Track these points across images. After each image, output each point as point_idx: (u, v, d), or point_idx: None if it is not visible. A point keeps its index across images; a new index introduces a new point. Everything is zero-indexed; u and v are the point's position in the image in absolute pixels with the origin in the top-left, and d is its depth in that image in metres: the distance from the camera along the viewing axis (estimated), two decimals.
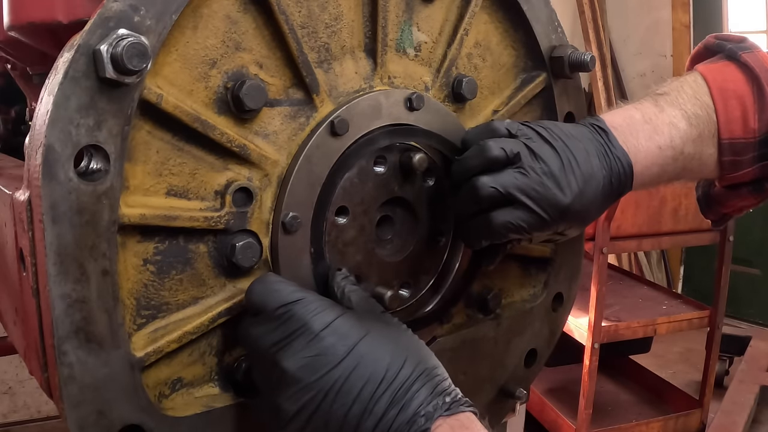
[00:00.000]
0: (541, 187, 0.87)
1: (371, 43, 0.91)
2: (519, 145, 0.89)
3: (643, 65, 5.38)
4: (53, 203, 0.68)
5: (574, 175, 0.89)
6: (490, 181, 0.88)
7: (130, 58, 0.67)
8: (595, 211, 0.93)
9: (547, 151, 0.89)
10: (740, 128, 0.94)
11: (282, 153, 0.85)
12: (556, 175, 0.88)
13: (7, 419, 3.32)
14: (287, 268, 0.84)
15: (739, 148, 0.95)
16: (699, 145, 0.94)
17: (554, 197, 0.88)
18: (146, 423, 0.76)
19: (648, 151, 0.94)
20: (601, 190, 0.91)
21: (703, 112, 0.95)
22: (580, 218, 0.92)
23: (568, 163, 0.89)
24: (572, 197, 0.88)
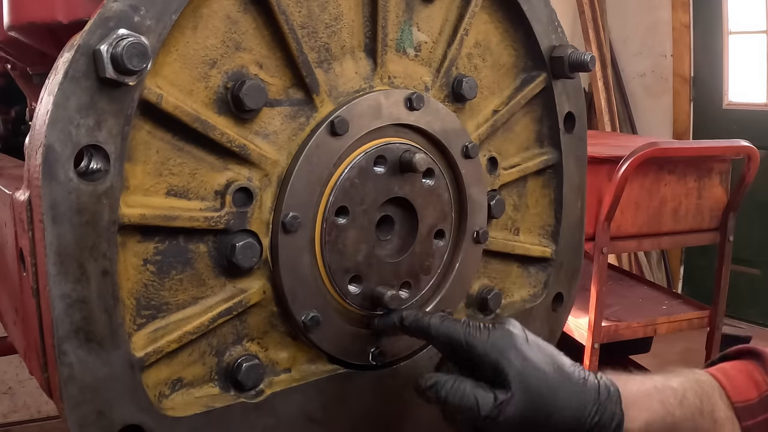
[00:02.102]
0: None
1: (371, 43, 0.91)
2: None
3: (643, 65, 5.37)
4: (53, 203, 0.68)
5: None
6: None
7: (130, 58, 0.67)
8: (564, 409, 0.79)
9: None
10: (753, 389, 0.87)
11: (282, 153, 0.85)
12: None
13: (7, 419, 3.32)
14: (287, 268, 0.84)
15: (757, 409, 0.87)
16: (705, 398, 0.85)
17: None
18: (146, 423, 0.76)
19: (641, 385, 0.85)
20: (577, 388, 0.80)
21: (701, 377, 0.88)
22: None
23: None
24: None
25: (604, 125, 5.03)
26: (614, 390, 0.82)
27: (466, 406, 0.79)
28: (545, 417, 0.79)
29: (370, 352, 0.95)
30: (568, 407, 0.79)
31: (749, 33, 4.92)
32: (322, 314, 0.88)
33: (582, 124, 1.15)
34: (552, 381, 0.79)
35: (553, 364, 0.81)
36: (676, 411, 0.84)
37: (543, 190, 1.15)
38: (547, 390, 0.79)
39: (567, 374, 0.81)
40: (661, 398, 0.84)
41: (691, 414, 0.84)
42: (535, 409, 0.79)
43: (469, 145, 0.99)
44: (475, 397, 0.79)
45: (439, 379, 0.82)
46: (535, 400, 0.79)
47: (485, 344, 0.81)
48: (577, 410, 0.79)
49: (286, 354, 0.90)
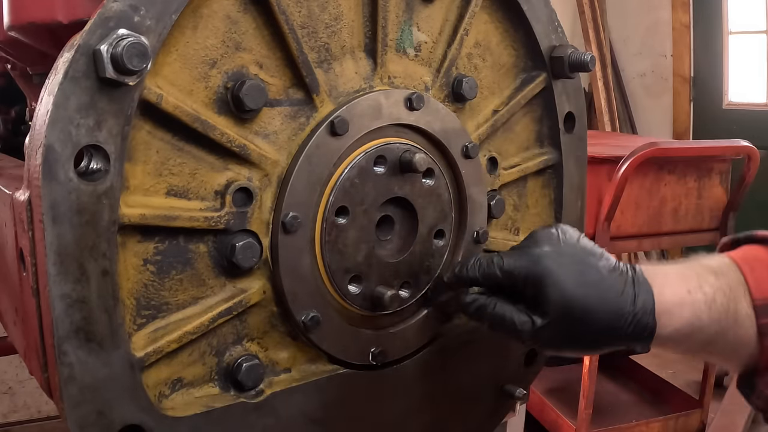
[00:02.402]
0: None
1: (371, 43, 0.91)
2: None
3: (643, 65, 5.38)
4: (53, 203, 0.68)
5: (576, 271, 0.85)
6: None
7: (130, 58, 0.67)
8: (599, 325, 0.84)
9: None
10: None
11: (282, 153, 0.85)
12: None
13: (7, 419, 3.32)
14: (287, 268, 0.84)
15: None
16: (731, 300, 0.88)
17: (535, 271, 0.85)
18: (146, 423, 0.76)
19: (676, 289, 0.87)
20: (612, 305, 0.84)
21: (731, 272, 0.90)
22: (572, 320, 0.84)
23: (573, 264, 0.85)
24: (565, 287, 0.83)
25: (604, 125, 5.03)
26: (649, 301, 0.85)
27: (507, 329, 0.87)
28: (582, 333, 0.85)
29: (370, 352, 0.95)
30: (603, 321, 0.84)
31: (749, 33, 4.92)
32: (322, 314, 0.88)
33: (582, 124, 1.15)
34: (589, 301, 0.84)
35: (589, 279, 0.85)
36: (704, 315, 0.87)
37: (543, 190, 1.15)
38: (584, 311, 0.83)
39: (604, 289, 0.84)
40: (692, 304, 0.87)
41: (717, 316, 0.87)
42: (571, 330, 0.85)
43: (469, 145, 0.99)
44: (515, 321, 0.86)
45: (481, 302, 0.89)
46: (571, 322, 0.84)
47: (521, 274, 0.86)
48: (613, 323, 0.84)
49: (286, 354, 0.90)
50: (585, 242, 0.89)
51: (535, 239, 0.88)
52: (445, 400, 1.06)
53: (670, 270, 0.90)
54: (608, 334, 0.85)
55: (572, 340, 0.86)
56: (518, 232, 1.13)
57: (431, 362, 1.02)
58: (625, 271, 0.86)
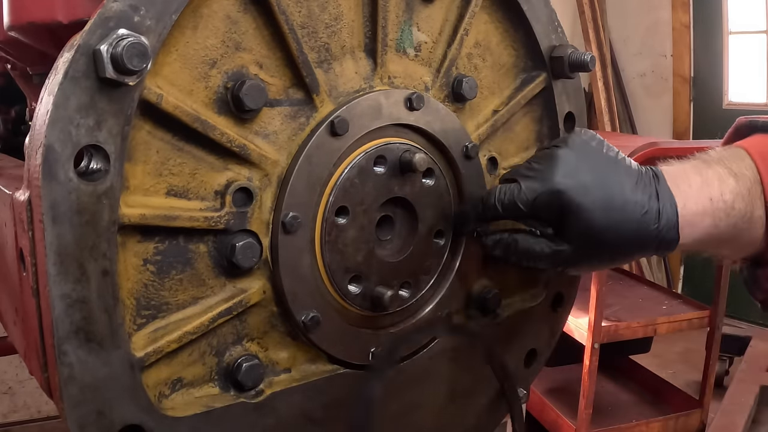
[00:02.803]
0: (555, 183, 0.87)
1: (371, 43, 0.91)
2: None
3: (643, 65, 5.38)
4: (53, 203, 0.68)
5: (602, 191, 0.86)
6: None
7: (130, 58, 0.67)
8: (624, 245, 0.87)
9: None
10: None
11: (282, 153, 0.85)
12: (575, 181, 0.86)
13: (7, 419, 3.32)
14: (287, 268, 0.84)
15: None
16: (749, 204, 0.90)
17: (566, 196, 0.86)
18: (146, 423, 0.76)
19: (698, 199, 0.89)
20: (636, 225, 0.85)
21: (749, 172, 0.92)
22: (599, 242, 0.86)
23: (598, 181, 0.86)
24: (593, 209, 0.85)
25: (604, 125, 5.03)
26: (673, 215, 0.87)
27: (533, 258, 0.90)
28: (608, 253, 0.88)
29: (370, 352, 0.95)
30: (629, 242, 0.87)
31: (749, 33, 4.92)
32: (322, 314, 0.88)
33: (582, 124, 1.14)
34: (614, 227, 0.85)
35: (613, 204, 0.85)
36: (722, 223, 0.90)
37: None
38: (609, 236, 0.86)
39: (628, 211, 0.86)
40: (713, 213, 0.89)
41: (734, 222, 0.90)
42: (598, 253, 0.88)
43: (469, 145, 0.99)
44: (542, 253, 0.89)
45: (505, 242, 0.92)
46: (597, 246, 0.87)
47: (543, 203, 0.87)
48: (638, 242, 0.87)
49: (286, 354, 0.90)
50: (607, 153, 0.89)
51: (554, 159, 0.88)
52: (445, 399, 1.06)
53: (694, 173, 0.91)
54: (633, 251, 0.88)
55: (599, 260, 0.89)
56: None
57: (431, 362, 1.02)
58: (648, 182, 0.88)
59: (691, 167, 0.93)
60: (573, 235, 0.86)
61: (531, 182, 0.88)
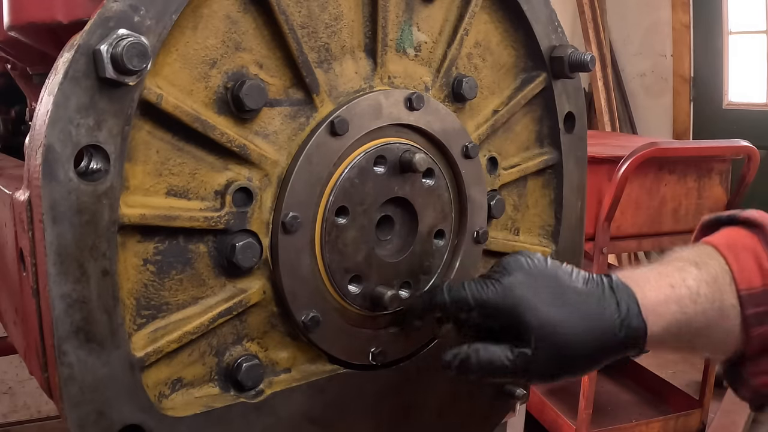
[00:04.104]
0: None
1: (371, 43, 0.91)
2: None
3: (643, 65, 5.38)
4: (53, 203, 0.68)
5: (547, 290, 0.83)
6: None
7: (130, 58, 0.67)
8: (587, 342, 0.82)
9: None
10: (758, 277, 0.86)
11: (282, 153, 0.85)
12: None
13: (7, 419, 3.31)
14: (287, 268, 0.84)
15: (760, 298, 0.86)
16: (716, 291, 0.86)
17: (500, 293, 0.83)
18: (146, 423, 0.76)
19: (658, 287, 0.85)
20: (595, 316, 0.81)
21: (714, 261, 0.88)
22: (555, 344, 0.82)
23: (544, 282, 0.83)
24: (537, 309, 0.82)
25: (604, 125, 5.03)
26: (633, 303, 0.83)
27: (497, 372, 0.84)
28: (573, 354, 0.82)
29: (370, 352, 0.95)
30: (591, 337, 0.82)
31: (749, 33, 4.92)
32: (322, 314, 0.88)
33: (582, 124, 1.15)
34: (571, 320, 0.82)
35: (566, 298, 0.83)
36: (690, 309, 0.85)
37: (543, 190, 1.15)
38: (568, 332, 0.81)
39: (583, 303, 0.83)
40: (677, 299, 0.85)
41: (703, 309, 0.86)
42: (561, 354, 0.82)
43: (469, 145, 0.99)
44: (503, 362, 0.83)
45: (464, 355, 0.85)
46: (559, 346, 0.82)
47: (495, 304, 0.84)
48: (602, 336, 0.82)
49: (286, 354, 0.90)
50: (554, 263, 0.86)
51: (504, 268, 0.86)
52: (444, 400, 1.06)
53: (649, 270, 0.88)
54: (600, 348, 0.82)
55: (565, 364, 0.83)
56: (518, 232, 1.13)
57: (431, 362, 1.02)
58: (601, 281, 0.84)
59: (645, 268, 0.89)
60: (530, 334, 0.81)
61: (482, 283, 0.85)
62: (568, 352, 0.82)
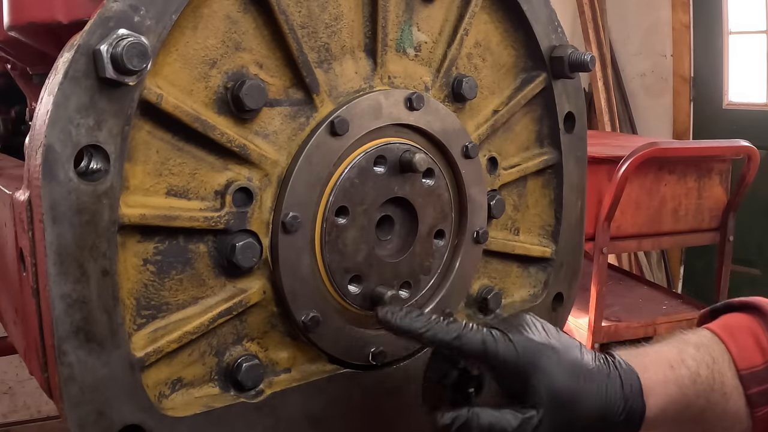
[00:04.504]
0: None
1: (371, 43, 0.91)
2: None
3: (643, 65, 5.37)
4: (53, 203, 0.68)
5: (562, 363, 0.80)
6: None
7: (130, 58, 0.67)
8: (593, 415, 0.80)
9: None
10: (758, 355, 0.86)
11: (282, 153, 0.85)
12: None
13: (7, 419, 3.32)
14: (287, 268, 0.84)
15: (762, 376, 0.86)
16: (716, 372, 0.86)
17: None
18: (146, 423, 0.76)
19: (658, 368, 0.84)
20: (604, 391, 0.80)
21: (712, 344, 0.88)
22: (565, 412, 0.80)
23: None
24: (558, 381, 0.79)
25: (604, 125, 5.03)
26: (636, 383, 0.82)
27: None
28: (575, 424, 0.81)
29: (370, 352, 0.95)
30: (595, 412, 0.80)
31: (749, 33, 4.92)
32: (322, 314, 0.88)
33: (582, 124, 1.15)
34: (581, 391, 0.80)
35: (578, 369, 0.81)
36: (690, 391, 0.85)
37: (543, 190, 1.15)
38: (577, 401, 0.80)
39: (593, 378, 0.81)
40: (676, 380, 0.84)
41: (704, 390, 0.85)
42: (564, 422, 0.80)
43: (469, 145, 0.99)
44: (505, 426, 0.78)
45: (460, 416, 0.79)
46: (564, 414, 0.80)
47: (511, 361, 0.80)
48: (605, 411, 0.81)
49: (286, 354, 0.90)
50: (563, 334, 0.85)
51: (522, 325, 0.82)
52: None
53: (649, 350, 0.87)
54: (601, 423, 0.81)
55: (571, 430, 0.81)
56: (518, 232, 1.13)
57: None
58: (606, 359, 0.84)
59: (646, 347, 0.89)
60: (540, 399, 0.79)
61: (499, 338, 0.81)
62: (572, 424, 0.80)
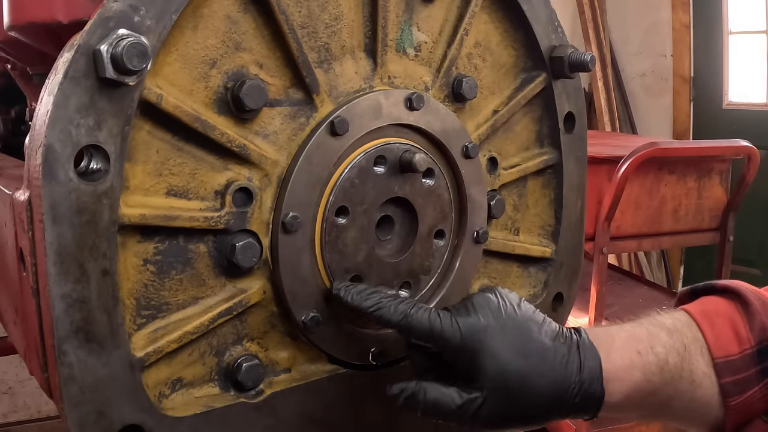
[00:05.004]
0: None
1: (371, 43, 0.91)
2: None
3: (643, 65, 5.37)
4: (53, 203, 0.68)
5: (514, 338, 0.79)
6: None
7: (130, 58, 0.67)
8: (542, 398, 0.79)
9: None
10: (734, 344, 0.84)
11: (282, 153, 0.85)
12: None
13: (7, 419, 3.32)
14: (287, 268, 0.84)
15: (738, 365, 0.84)
16: (686, 360, 0.83)
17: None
18: (146, 423, 0.76)
19: (624, 352, 0.82)
20: (555, 375, 0.78)
21: (686, 329, 0.86)
22: (515, 390, 0.79)
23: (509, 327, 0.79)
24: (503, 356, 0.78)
25: (604, 125, 5.03)
26: (596, 367, 0.80)
27: (441, 412, 0.80)
28: (523, 407, 0.79)
29: (370, 352, 0.95)
30: (546, 393, 0.79)
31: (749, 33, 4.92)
32: (322, 314, 0.88)
33: (582, 124, 1.15)
34: (529, 372, 0.78)
35: (529, 349, 0.79)
36: (656, 378, 0.83)
37: (543, 190, 1.15)
38: (524, 383, 0.78)
39: (546, 358, 0.79)
40: (642, 367, 0.83)
41: (671, 378, 0.83)
42: (511, 404, 0.79)
43: (469, 145, 0.99)
44: (450, 405, 0.79)
45: (410, 391, 0.81)
46: (511, 396, 0.78)
47: (455, 343, 0.79)
48: (557, 395, 0.79)
49: (286, 354, 0.90)
50: (526, 308, 0.83)
51: (472, 305, 0.81)
52: None
53: (619, 332, 0.85)
54: (552, 407, 0.80)
55: (513, 415, 0.80)
56: (518, 232, 1.13)
57: None
58: (569, 336, 0.82)
59: (617, 327, 0.87)
60: (485, 380, 0.78)
61: (445, 318, 0.80)
62: (519, 405, 0.79)
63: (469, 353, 0.79)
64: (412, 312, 0.81)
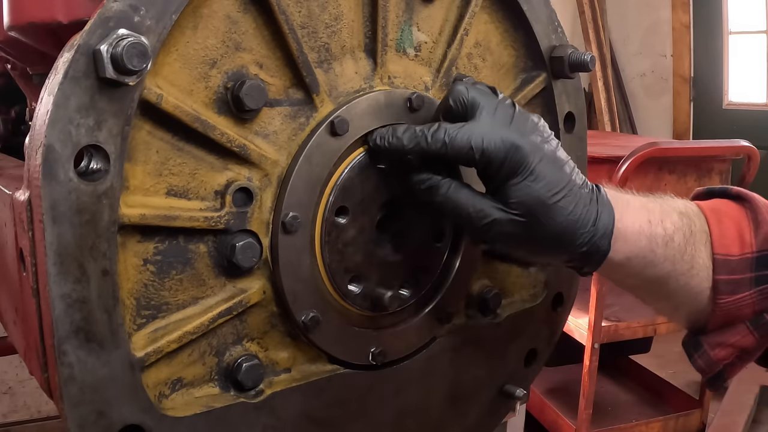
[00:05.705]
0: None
1: (371, 43, 0.91)
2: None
3: (643, 65, 5.38)
4: (53, 203, 0.68)
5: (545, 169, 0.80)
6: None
7: (130, 58, 0.67)
8: (560, 235, 0.80)
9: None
10: (736, 245, 0.86)
11: (282, 153, 0.85)
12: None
13: (7, 419, 3.32)
14: (287, 268, 0.84)
15: (735, 266, 0.86)
16: (691, 244, 0.85)
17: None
18: (146, 423, 0.76)
19: (636, 218, 0.84)
20: (576, 217, 0.80)
21: (695, 217, 0.88)
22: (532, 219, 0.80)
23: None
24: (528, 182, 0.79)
25: (604, 125, 5.03)
26: (609, 223, 0.83)
27: (460, 216, 0.82)
28: (539, 235, 0.81)
29: (370, 352, 0.95)
30: (561, 233, 0.81)
31: (749, 33, 4.92)
32: (322, 314, 0.88)
33: (582, 124, 1.14)
34: (557, 206, 0.80)
35: (563, 185, 0.81)
36: (659, 250, 0.85)
37: None
38: (550, 214, 0.80)
39: (573, 200, 0.81)
40: (649, 236, 0.85)
41: (672, 256, 0.85)
42: (530, 230, 0.80)
43: None
44: (471, 209, 0.80)
45: (435, 182, 0.82)
46: (533, 222, 0.80)
47: (498, 157, 0.79)
48: (570, 235, 0.81)
49: (286, 354, 0.90)
50: (562, 150, 0.85)
51: (520, 119, 0.82)
52: (444, 400, 1.06)
53: (635, 199, 0.88)
54: (560, 246, 0.82)
55: (528, 240, 0.82)
56: None
57: (431, 362, 1.02)
58: (593, 188, 0.84)
59: (633, 195, 0.89)
60: (516, 201, 0.79)
61: (485, 127, 0.81)
62: (537, 231, 0.80)
63: (511, 169, 0.79)
64: (453, 133, 0.80)
